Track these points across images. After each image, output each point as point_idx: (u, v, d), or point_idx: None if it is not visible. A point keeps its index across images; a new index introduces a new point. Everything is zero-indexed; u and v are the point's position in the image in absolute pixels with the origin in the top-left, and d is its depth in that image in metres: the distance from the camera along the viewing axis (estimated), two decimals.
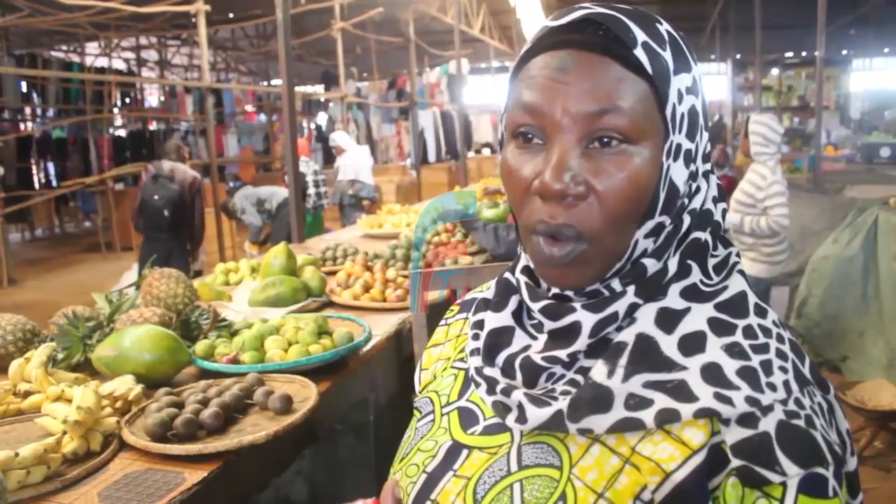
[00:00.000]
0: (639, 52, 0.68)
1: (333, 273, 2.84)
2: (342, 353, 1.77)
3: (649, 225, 0.71)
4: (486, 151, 16.60)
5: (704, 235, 0.75)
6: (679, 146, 0.71)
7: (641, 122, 0.68)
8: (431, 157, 13.91)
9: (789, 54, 17.18)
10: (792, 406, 0.67)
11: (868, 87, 18.45)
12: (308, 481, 1.85)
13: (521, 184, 0.72)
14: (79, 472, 1.25)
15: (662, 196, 0.71)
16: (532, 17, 11.29)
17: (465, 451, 0.78)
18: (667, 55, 0.70)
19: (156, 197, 5.69)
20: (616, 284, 0.73)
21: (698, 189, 0.75)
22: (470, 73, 17.22)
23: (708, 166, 0.78)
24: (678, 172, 0.71)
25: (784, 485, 0.63)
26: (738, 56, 15.43)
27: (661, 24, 0.72)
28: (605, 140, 0.68)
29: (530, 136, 0.71)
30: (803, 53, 16.84)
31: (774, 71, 16.40)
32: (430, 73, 15.21)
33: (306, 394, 1.55)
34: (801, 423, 0.66)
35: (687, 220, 0.74)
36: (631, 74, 0.68)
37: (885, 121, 14.15)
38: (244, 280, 2.81)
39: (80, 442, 1.31)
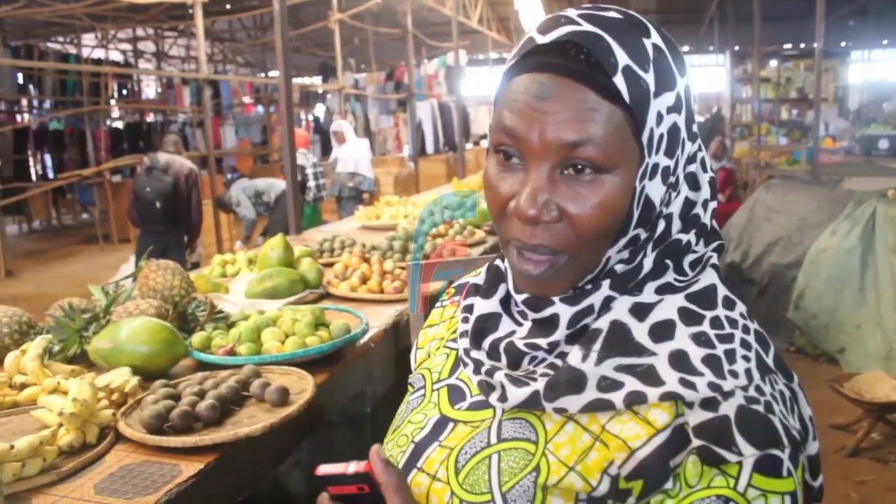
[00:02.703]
0: (618, 80, 0.70)
1: (331, 265, 2.83)
2: (339, 345, 1.77)
3: (622, 241, 0.76)
4: (485, 143, 16.58)
5: (687, 237, 0.79)
6: (656, 165, 0.74)
7: (614, 152, 0.71)
8: (429, 148, 13.88)
9: (788, 46, 17.14)
10: (752, 392, 0.72)
11: (866, 78, 18.43)
12: (305, 473, 1.85)
13: (499, 200, 0.77)
14: (75, 464, 1.24)
15: (637, 213, 0.74)
16: (530, 9, 11.26)
17: (451, 424, 0.84)
18: (649, 77, 0.72)
19: (147, 189, 5.67)
20: (588, 284, 0.78)
21: (679, 193, 0.78)
22: (468, 64, 17.16)
23: (694, 167, 0.79)
24: (654, 189, 0.75)
25: (740, 464, 0.68)
26: (737, 48, 15.40)
27: (649, 36, 0.74)
28: (579, 167, 0.72)
29: (510, 155, 0.76)
30: (802, 45, 16.80)
31: (773, 62, 16.36)
32: (428, 64, 15.16)
33: (303, 386, 1.54)
34: (759, 408, 0.71)
35: (662, 224, 0.77)
36: (607, 104, 0.71)
37: (883, 112, 14.15)
38: (241, 272, 2.80)
39: (76, 434, 1.30)
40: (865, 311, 4.65)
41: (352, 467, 0.76)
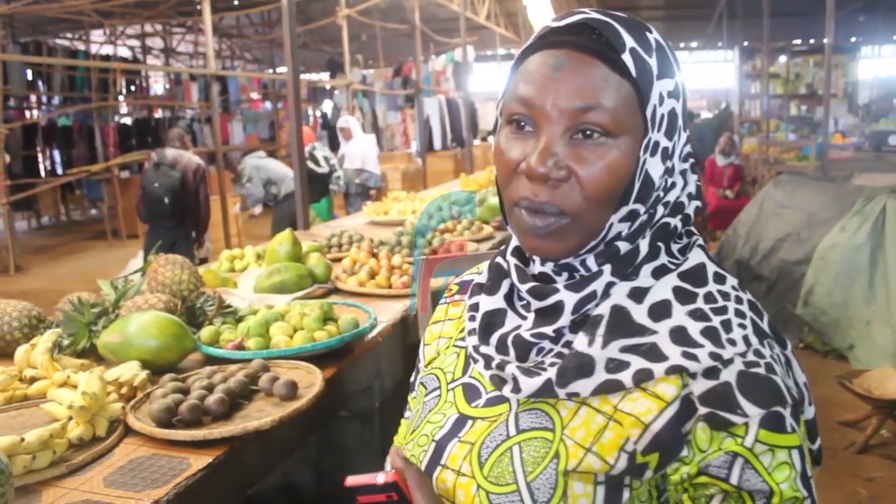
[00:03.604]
0: (626, 57, 0.77)
1: (339, 260, 2.83)
2: (347, 340, 1.77)
3: (623, 210, 0.80)
4: (492, 139, 16.56)
5: (674, 221, 0.84)
6: (657, 143, 0.80)
7: (622, 119, 0.77)
8: (437, 144, 13.86)
9: (797, 41, 17.07)
10: (752, 357, 0.76)
11: (877, 74, 18.32)
12: (313, 467, 1.85)
13: (510, 164, 0.81)
14: (84, 457, 1.25)
15: (637, 185, 0.79)
16: (538, 5, 11.22)
17: (469, 422, 0.87)
18: (652, 61, 0.79)
19: (156, 185, 5.67)
20: (592, 263, 0.82)
21: (674, 185, 0.84)
22: (476, 60, 17.13)
23: (686, 166, 0.86)
24: (654, 166, 0.80)
25: (747, 424, 0.73)
26: (746, 43, 15.30)
27: (651, 32, 0.81)
28: (588, 133, 0.77)
29: (523, 123, 0.80)
30: (811, 41, 16.73)
31: (782, 58, 16.27)
32: (436, 60, 15.13)
33: (311, 380, 1.54)
34: (760, 370, 0.76)
35: (661, 210, 0.83)
36: (617, 76, 0.77)
37: (893, 108, 14.06)
38: (249, 267, 2.81)
39: (85, 427, 1.31)
40: (875, 307, 4.63)
41: (380, 477, 0.78)
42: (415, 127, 13.23)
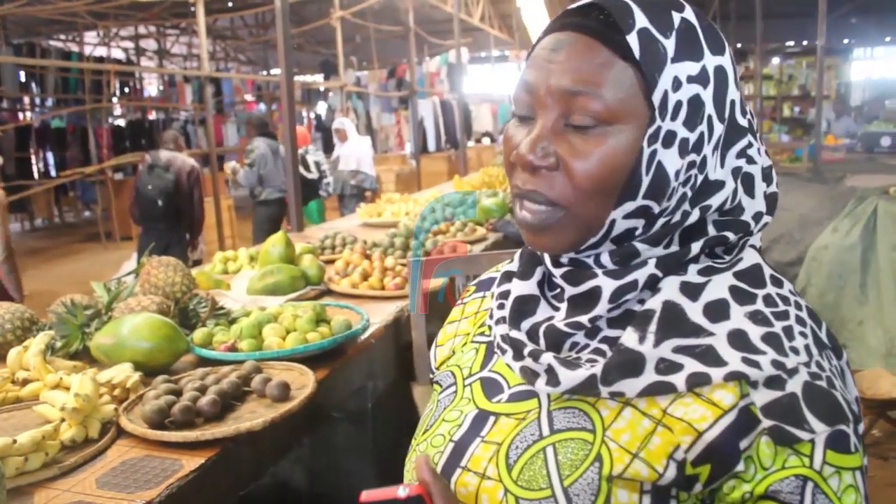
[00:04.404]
0: (631, 38, 0.70)
1: (332, 261, 2.84)
2: (340, 341, 1.78)
3: (629, 206, 0.73)
4: (486, 141, 16.55)
5: (731, 237, 0.77)
6: (672, 133, 0.72)
7: (619, 107, 0.71)
8: (431, 146, 13.87)
9: (790, 43, 17.12)
10: (814, 368, 0.71)
11: (869, 76, 18.38)
12: (306, 469, 1.86)
13: (508, 153, 0.77)
14: (77, 458, 1.25)
15: (647, 181, 0.72)
16: (532, 7, 11.24)
17: (491, 418, 0.80)
18: (669, 42, 0.71)
19: (149, 187, 5.67)
20: (606, 261, 0.76)
21: (719, 185, 0.76)
22: (470, 62, 17.15)
23: (741, 163, 0.77)
24: (669, 159, 0.72)
25: (812, 442, 0.67)
26: (739, 45, 15.37)
27: (681, 11, 0.74)
28: (581, 120, 0.72)
29: (525, 111, 0.76)
30: (804, 42, 16.77)
31: (775, 60, 16.35)
32: (430, 62, 15.15)
33: (304, 381, 1.55)
34: (823, 384, 0.70)
35: (696, 213, 0.75)
36: (618, 60, 0.71)
37: (885, 110, 14.10)
38: (243, 268, 2.81)
39: (78, 429, 1.31)
40: (867, 308, 4.65)
41: (402, 491, 0.70)
42: (409, 128, 13.23)
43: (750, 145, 0.78)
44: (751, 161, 0.78)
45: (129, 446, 1.33)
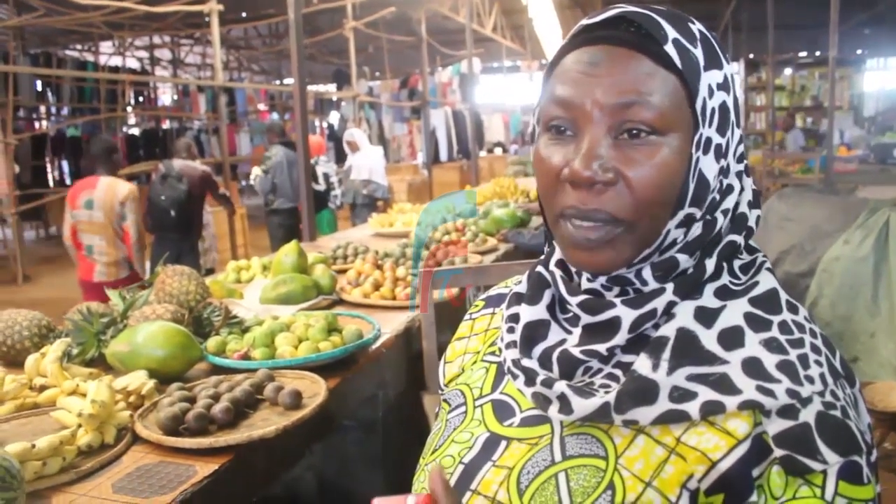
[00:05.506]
0: (669, 48, 0.71)
1: (344, 271, 2.86)
2: (351, 350, 1.79)
3: (680, 215, 0.73)
4: (498, 151, 16.60)
5: (739, 239, 0.77)
6: (709, 140, 0.73)
7: (669, 115, 0.70)
8: (443, 156, 13.93)
9: (803, 54, 17.08)
10: (829, 398, 0.70)
11: (882, 86, 18.31)
12: (317, 476, 1.87)
13: (551, 172, 0.74)
14: (93, 463, 1.28)
15: (692, 187, 0.72)
16: (544, 17, 11.27)
17: (503, 442, 0.79)
18: (697, 52, 0.72)
19: (162, 197, 5.71)
20: (648, 276, 0.75)
21: (731, 188, 0.77)
22: (482, 72, 17.19)
23: (742, 167, 0.79)
24: (708, 165, 0.73)
25: (825, 472, 0.66)
26: (751, 56, 15.37)
27: (693, 23, 0.75)
28: (634, 131, 0.71)
29: (563, 128, 0.74)
30: (817, 53, 16.73)
31: (787, 71, 16.32)
32: (442, 72, 15.21)
33: (316, 390, 1.57)
34: (837, 413, 0.69)
35: (721, 218, 0.75)
36: (661, 69, 0.71)
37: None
38: (256, 278, 2.84)
39: (94, 435, 1.34)
40: (879, 320, 4.62)
41: (410, 500, 0.69)
42: (421, 138, 13.28)
43: (746, 150, 0.80)
44: (741, 159, 0.80)
45: (143, 452, 1.35)
